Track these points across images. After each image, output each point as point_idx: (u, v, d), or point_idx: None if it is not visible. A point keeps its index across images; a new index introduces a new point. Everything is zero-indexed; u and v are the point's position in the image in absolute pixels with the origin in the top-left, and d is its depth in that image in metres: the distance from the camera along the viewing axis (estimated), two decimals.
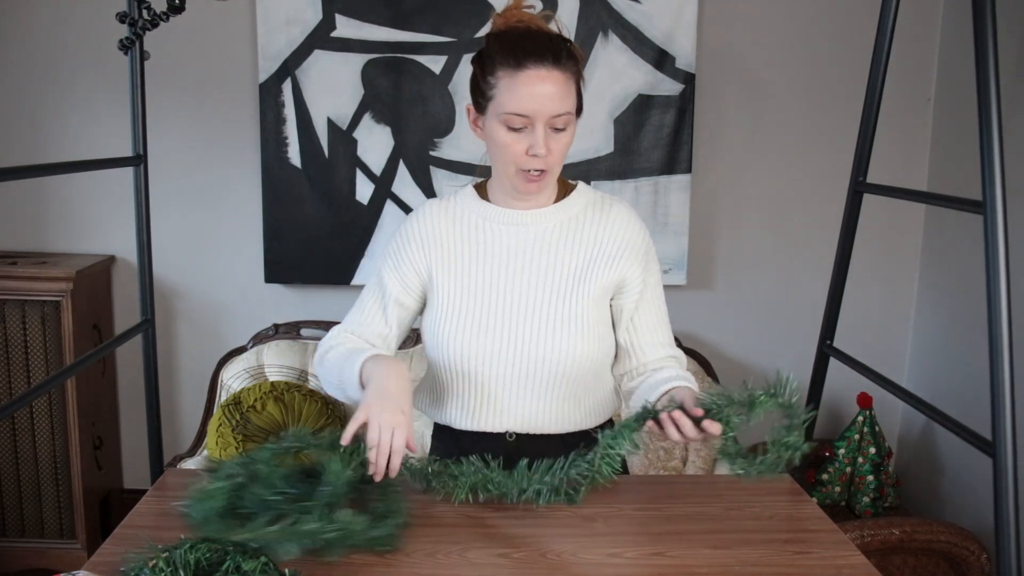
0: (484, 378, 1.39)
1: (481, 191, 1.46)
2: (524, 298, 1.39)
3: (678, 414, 1.22)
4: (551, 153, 1.31)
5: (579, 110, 1.36)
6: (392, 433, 1.20)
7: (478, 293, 1.40)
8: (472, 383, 1.40)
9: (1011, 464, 1.08)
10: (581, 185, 1.46)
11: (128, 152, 1.45)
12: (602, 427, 1.49)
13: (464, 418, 1.44)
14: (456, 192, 1.48)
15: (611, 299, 1.44)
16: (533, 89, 1.27)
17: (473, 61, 1.36)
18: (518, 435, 1.43)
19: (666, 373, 1.40)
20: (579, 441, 1.44)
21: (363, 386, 1.29)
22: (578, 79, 1.33)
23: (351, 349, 1.38)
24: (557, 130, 1.31)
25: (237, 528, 1.13)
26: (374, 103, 2.71)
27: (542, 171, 1.33)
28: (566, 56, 1.29)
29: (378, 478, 1.21)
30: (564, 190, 1.45)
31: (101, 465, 2.81)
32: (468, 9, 2.65)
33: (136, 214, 1.46)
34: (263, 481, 1.22)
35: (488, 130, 1.34)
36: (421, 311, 1.48)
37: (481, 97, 1.33)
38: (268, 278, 2.82)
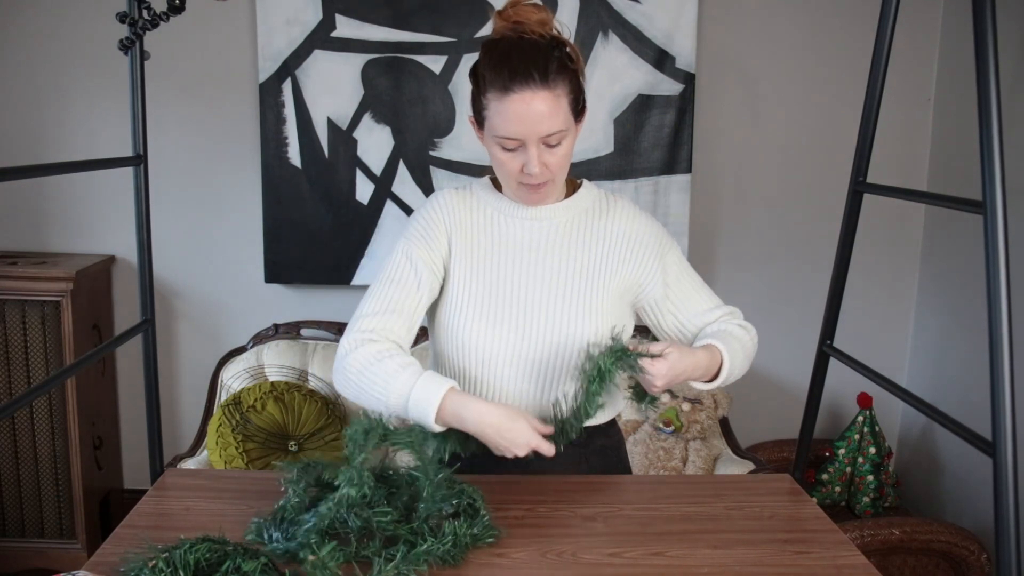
0: (495, 371, 1.39)
1: (496, 183, 1.46)
2: (537, 292, 1.39)
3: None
4: (547, 168, 1.32)
5: (581, 112, 1.35)
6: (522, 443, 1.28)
7: (493, 285, 1.40)
8: (483, 376, 1.40)
9: (1011, 464, 1.08)
10: (586, 182, 1.48)
11: (128, 152, 1.45)
12: (607, 424, 1.50)
13: None
14: (472, 183, 1.48)
15: (636, 300, 1.45)
16: (520, 113, 1.26)
17: (470, 74, 1.35)
18: None
19: (702, 335, 1.45)
20: (586, 435, 1.44)
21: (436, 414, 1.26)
22: (573, 88, 1.31)
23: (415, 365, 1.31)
24: (552, 146, 1.30)
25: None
26: (374, 103, 2.71)
27: (543, 182, 1.34)
28: (556, 69, 1.27)
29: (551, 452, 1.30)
30: (571, 187, 1.46)
31: (101, 465, 2.81)
32: (468, 9, 2.65)
33: (136, 214, 1.46)
34: (362, 503, 1.18)
35: (487, 145, 1.35)
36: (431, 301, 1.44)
37: (478, 114, 1.34)
38: (268, 278, 2.82)
